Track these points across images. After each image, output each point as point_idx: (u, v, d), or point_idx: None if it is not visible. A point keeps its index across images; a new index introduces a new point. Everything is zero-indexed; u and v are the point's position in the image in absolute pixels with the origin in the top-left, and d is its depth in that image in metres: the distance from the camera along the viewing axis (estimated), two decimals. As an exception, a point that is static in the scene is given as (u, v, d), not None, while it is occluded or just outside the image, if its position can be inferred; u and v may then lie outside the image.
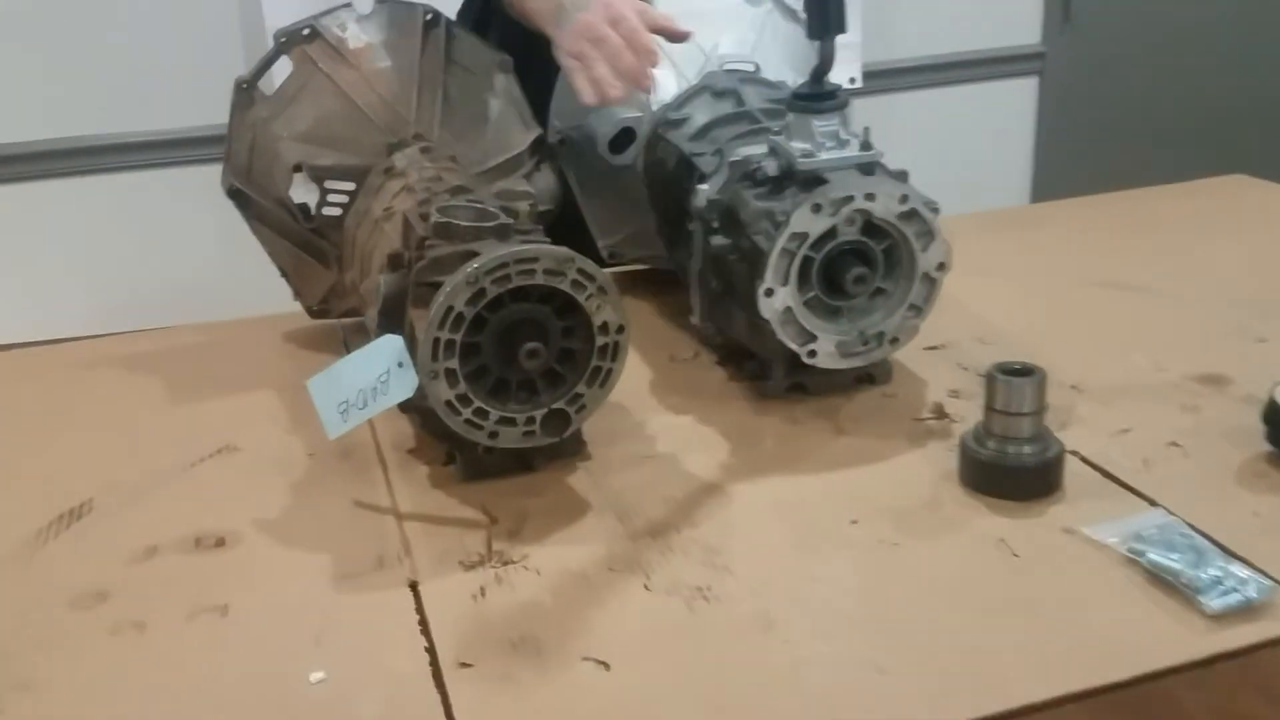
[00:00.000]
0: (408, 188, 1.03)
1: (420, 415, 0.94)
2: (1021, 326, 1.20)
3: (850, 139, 1.01)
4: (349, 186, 1.11)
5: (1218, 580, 0.76)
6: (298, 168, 1.10)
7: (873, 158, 1.00)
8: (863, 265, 0.99)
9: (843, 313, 1.02)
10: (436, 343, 0.85)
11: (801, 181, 1.00)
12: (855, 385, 1.08)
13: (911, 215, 0.98)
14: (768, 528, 0.87)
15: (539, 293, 0.87)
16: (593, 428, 0.97)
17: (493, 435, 0.89)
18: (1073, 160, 2.75)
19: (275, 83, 1.16)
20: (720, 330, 1.11)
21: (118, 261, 2.37)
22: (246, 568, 0.85)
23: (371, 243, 1.03)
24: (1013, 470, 0.89)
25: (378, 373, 0.88)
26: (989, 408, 0.90)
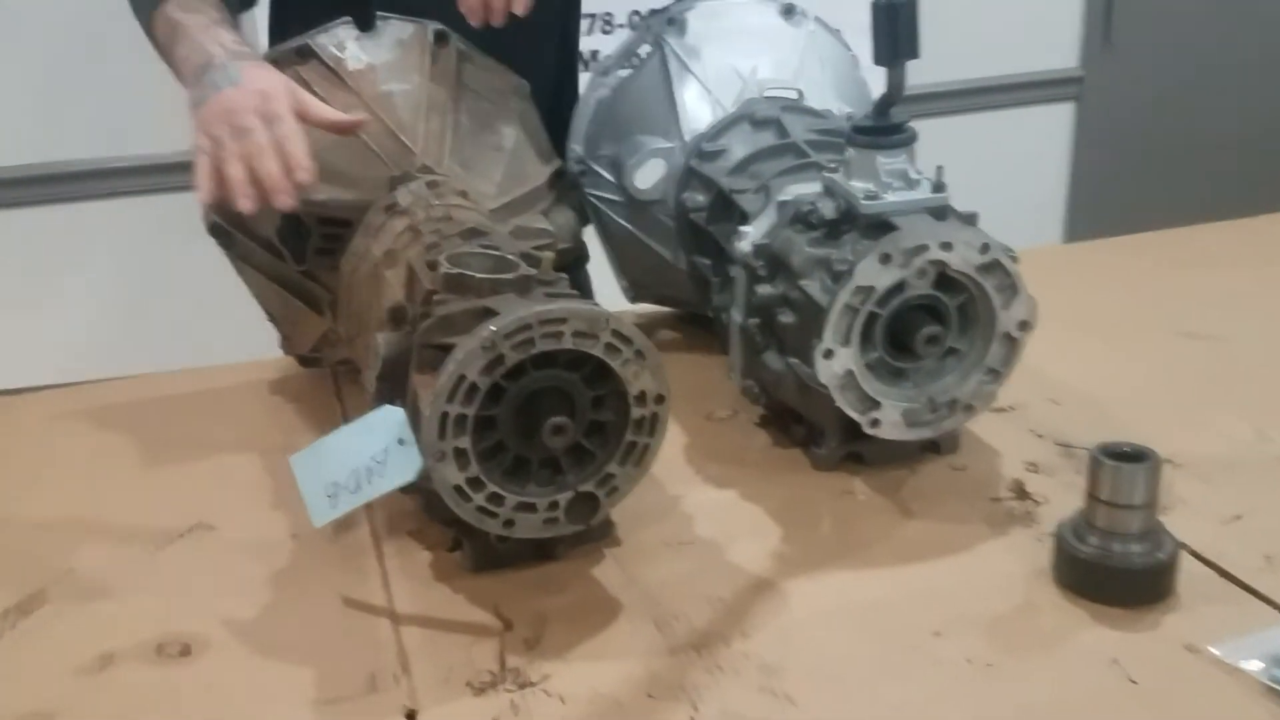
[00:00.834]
0: (412, 228, 0.90)
1: (424, 496, 0.81)
2: (1097, 385, 1.06)
3: (920, 178, 0.88)
4: (344, 225, 0.98)
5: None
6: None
7: (945, 200, 0.88)
8: (935, 323, 0.86)
9: (909, 376, 0.89)
10: (445, 418, 0.72)
11: (864, 227, 0.87)
12: (918, 455, 0.95)
13: (993, 267, 0.85)
14: (834, 639, 0.74)
15: (566, 357, 0.74)
16: (620, 504, 0.84)
17: (508, 524, 0.76)
18: (1110, 190, 2.62)
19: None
20: (765, 390, 0.98)
21: (96, 296, 2.22)
22: (214, 685, 0.72)
23: (370, 292, 0.90)
24: (1121, 572, 0.75)
25: (374, 450, 0.75)
26: (1092, 496, 0.76)
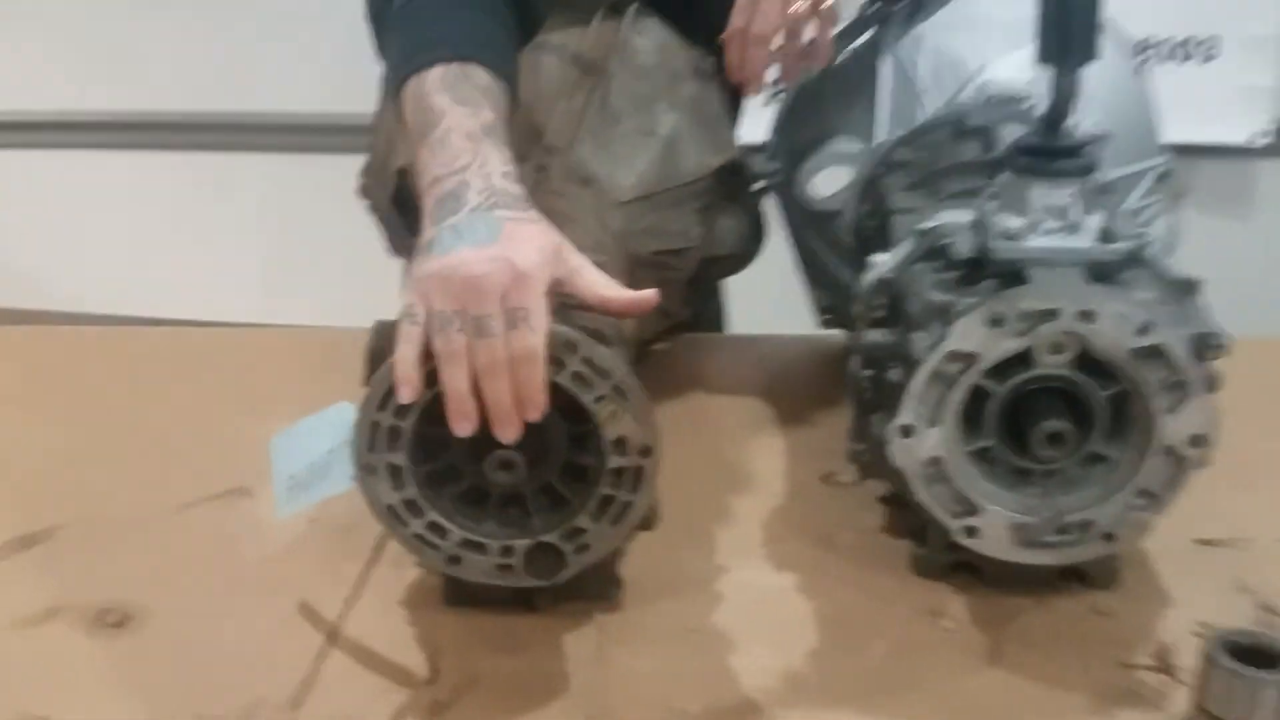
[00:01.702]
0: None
1: None
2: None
3: (1085, 221, 0.66)
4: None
5: None
6: (402, 172, 0.91)
7: (1114, 254, 0.65)
8: (1063, 417, 0.64)
9: (1035, 480, 0.67)
10: (375, 429, 0.62)
11: (998, 273, 0.66)
12: (1056, 584, 0.72)
13: (1153, 355, 0.62)
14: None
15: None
16: (653, 558, 0.71)
17: (453, 561, 0.65)
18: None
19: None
20: (874, 461, 0.79)
21: (257, 246, 2.30)
22: (130, 656, 0.67)
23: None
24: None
25: (327, 447, 0.67)
26: (1198, 707, 0.53)
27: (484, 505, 0.65)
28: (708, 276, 1.03)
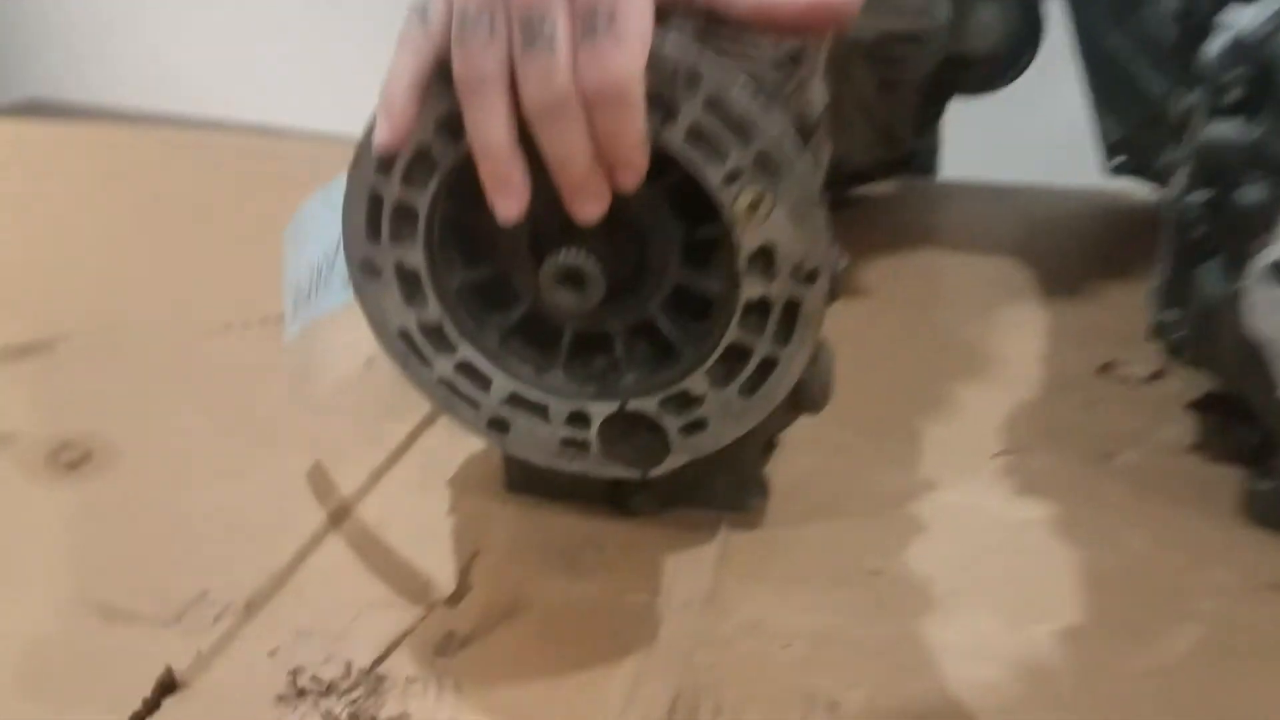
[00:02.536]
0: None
1: None
2: None
3: None
4: None
5: None
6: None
7: None
8: None
9: None
10: (377, 204, 0.39)
11: None
12: None
13: None
14: None
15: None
16: (820, 460, 0.46)
17: (497, 425, 0.42)
18: None
19: None
20: (1192, 338, 0.50)
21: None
22: (73, 505, 0.48)
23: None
24: None
25: (334, 236, 0.45)
26: None
27: (549, 347, 0.41)
28: (953, 86, 0.75)
